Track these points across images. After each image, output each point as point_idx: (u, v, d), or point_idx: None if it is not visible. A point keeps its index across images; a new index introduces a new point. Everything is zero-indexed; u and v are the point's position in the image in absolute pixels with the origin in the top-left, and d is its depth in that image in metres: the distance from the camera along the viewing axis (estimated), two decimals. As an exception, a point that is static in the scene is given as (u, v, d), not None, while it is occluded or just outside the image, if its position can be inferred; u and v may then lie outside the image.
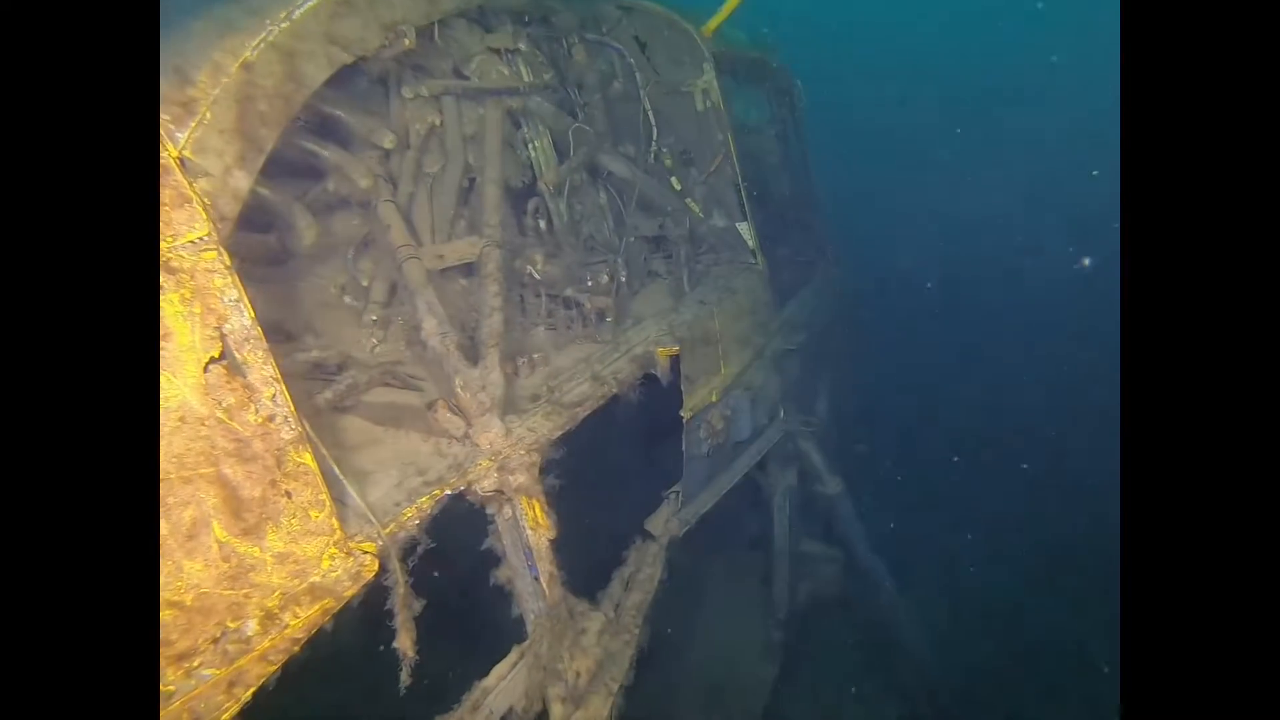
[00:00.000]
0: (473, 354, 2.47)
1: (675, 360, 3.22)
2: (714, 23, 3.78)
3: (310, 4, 1.93)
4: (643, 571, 3.19)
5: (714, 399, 3.58)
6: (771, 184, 6.07)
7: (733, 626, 5.28)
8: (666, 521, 3.50)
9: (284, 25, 1.86)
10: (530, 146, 3.51)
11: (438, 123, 3.12)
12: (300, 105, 1.94)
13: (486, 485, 2.16)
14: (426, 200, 3.11)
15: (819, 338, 5.29)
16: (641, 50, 3.95)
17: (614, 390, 2.72)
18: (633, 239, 3.71)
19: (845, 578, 5.33)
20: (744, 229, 4.23)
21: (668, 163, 4.12)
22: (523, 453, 2.28)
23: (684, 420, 3.34)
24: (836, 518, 5.07)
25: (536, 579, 2.34)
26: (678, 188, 4.18)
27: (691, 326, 3.35)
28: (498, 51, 3.25)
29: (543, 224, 3.51)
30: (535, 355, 2.85)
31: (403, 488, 2.03)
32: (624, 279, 3.50)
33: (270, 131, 1.84)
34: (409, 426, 2.38)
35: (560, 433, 2.44)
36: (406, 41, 2.29)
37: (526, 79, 3.38)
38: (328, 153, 2.55)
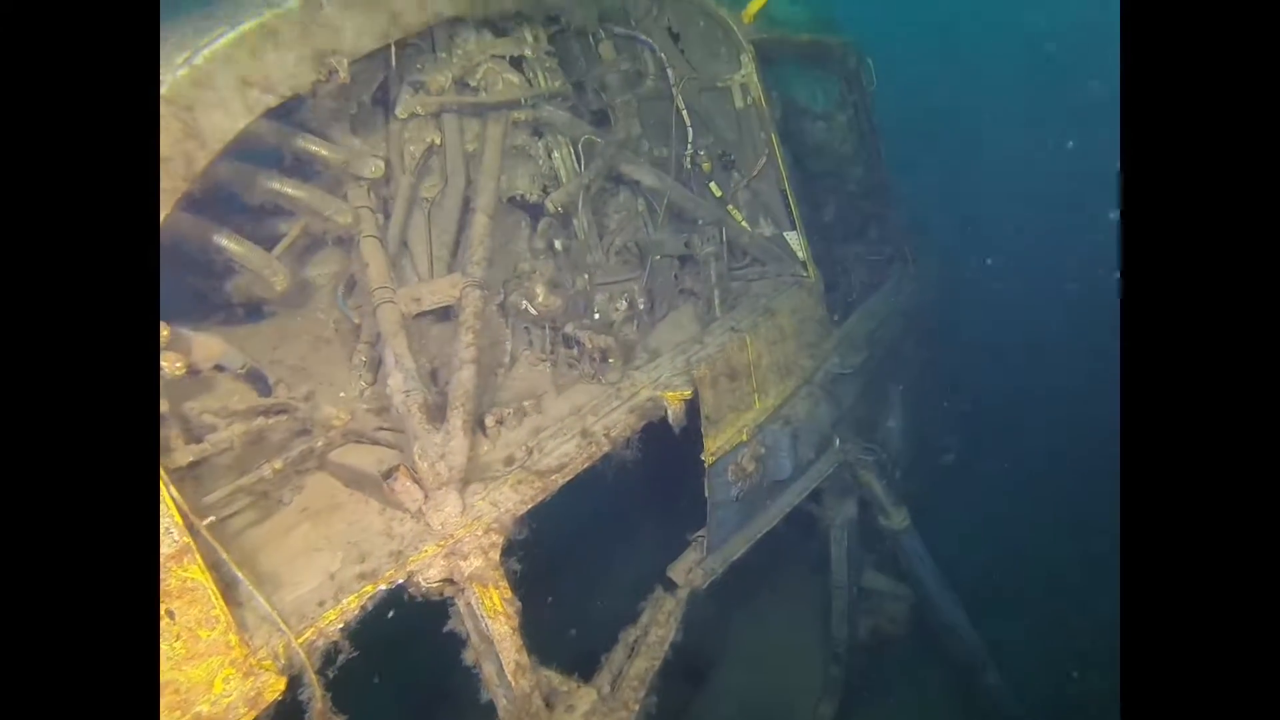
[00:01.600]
0: (443, 413, 2.26)
1: (693, 401, 2.88)
2: (753, 6, 3.31)
3: (218, 44, 1.72)
4: (652, 634, 2.91)
5: (744, 438, 3.21)
6: (845, 174, 5.48)
7: (785, 658, 4.93)
8: (689, 571, 3.20)
9: (181, 73, 1.65)
10: (552, 157, 3.23)
11: (437, 141, 2.90)
12: (206, 164, 1.75)
13: (432, 575, 1.94)
14: (424, 227, 2.91)
15: (890, 348, 4.74)
16: (675, 43, 3.53)
17: (605, 449, 2.43)
18: (658, 257, 3.35)
19: (914, 617, 4.81)
20: (793, 238, 3.77)
21: (706, 166, 3.70)
22: (479, 533, 2.05)
23: (705, 465, 3.01)
24: (903, 553, 4.55)
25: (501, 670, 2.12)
26: (718, 194, 3.76)
27: (714, 361, 2.98)
28: (505, 58, 2.96)
29: (557, 244, 3.24)
30: (527, 403, 2.60)
31: (335, 580, 1.85)
32: (643, 306, 3.17)
33: (165, 200, 1.65)
34: (372, 492, 2.20)
35: (530, 506, 2.18)
36: (340, 75, 2.04)
37: (544, 85, 3.08)
38: (297, 192, 2.38)
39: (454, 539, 2.00)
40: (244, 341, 2.76)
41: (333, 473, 2.31)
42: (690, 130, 3.61)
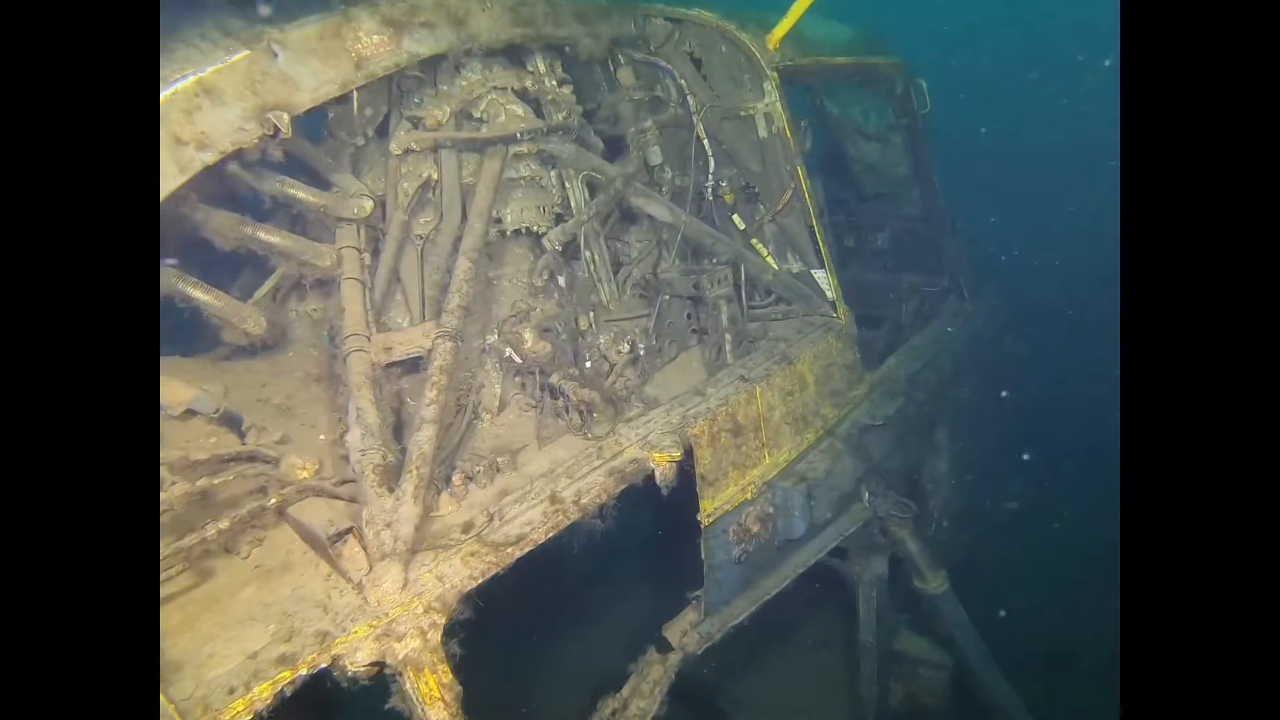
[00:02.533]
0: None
1: (688, 458, 2.68)
2: (779, 31, 3.05)
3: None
4: (633, 706, 2.73)
5: (749, 496, 2.97)
6: (900, 198, 5.11)
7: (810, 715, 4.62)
8: (684, 634, 2.99)
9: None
10: (565, 188, 3.10)
11: (435, 176, 2.81)
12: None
13: (360, 658, 1.83)
14: (417, 265, 2.83)
15: (937, 390, 4.36)
16: (697, 69, 3.32)
17: (572, 518, 2.26)
18: (667, 298, 3.16)
19: (955, 689, 4.40)
20: (821, 277, 3.49)
21: (728, 198, 3.48)
22: (419, 612, 1.92)
23: (701, 525, 2.80)
24: (941, 619, 4.17)
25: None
26: (741, 227, 3.53)
27: (714, 416, 2.76)
28: (508, 90, 2.85)
29: (561, 280, 3.10)
30: (501, 459, 2.47)
31: (255, 661, 1.76)
32: (643, 350, 2.99)
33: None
34: (323, 555, 2.11)
35: (479, 581, 2.04)
36: (283, 132, 1.96)
37: (553, 116, 2.95)
38: (271, 238, 2.33)
39: (389, 619, 1.88)
40: (237, 377, 2.76)
41: (293, 526, 2.24)
42: (712, 160, 3.40)
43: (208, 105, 1.79)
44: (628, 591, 4.70)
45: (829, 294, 3.50)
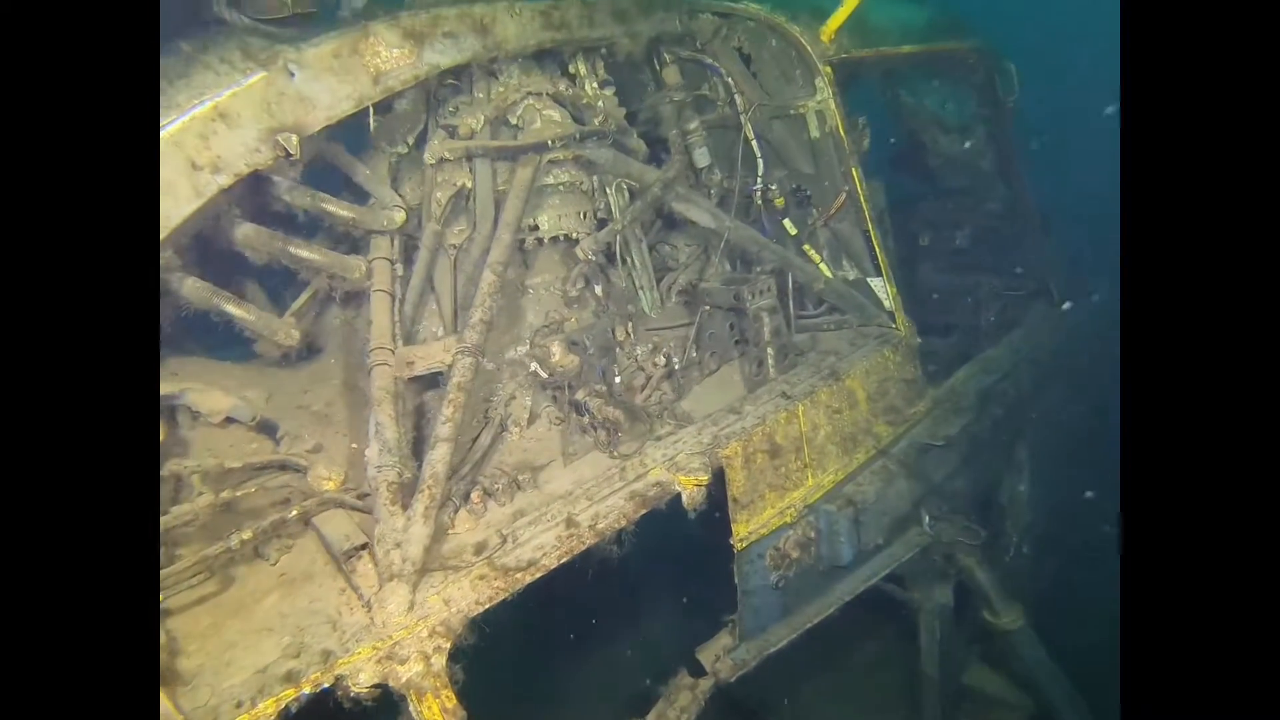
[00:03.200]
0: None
1: (719, 480, 2.56)
2: (833, 22, 2.83)
3: (167, 129, 1.69)
4: (657, 732, 2.65)
5: (789, 519, 2.82)
6: (984, 194, 4.73)
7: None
8: (717, 659, 2.89)
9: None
10: (606, 193, 3.03)
11: (469, 184, 2.80)
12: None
13: (363, 680, 1.83)
14: (450, 275, 2.82)
15: (1016, 405, 4.01)
16: (746, 65, 3.15)
17: (587, 544, 2.19)
18: (708, 308, 3.03)
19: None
20: (878, 285, 3.25)
21: (779, 202, 3.30)
22: (423, 635, 1.91)
23: (734, 550, 2.67)
24: (1017, 656, 3.84)
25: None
26: (793, 232, 3.34)
27: (749, 437, 2.63)
28: (542, 94, 2.79)
29: (598, 289, 3.03)
30: (522, 476, 2.43)
31: (263, 676, 1.80)
32: (679, 364, 2.88)
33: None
34: (339, 568, 2.15)
35: (486, 607, 2.01)
36: (293, 154, 1.96)
37: (594, 121, 2.87)
38: (302, 252, 2.37)
39: (392, 641, 1.88)
40: (281, 383, 2.85)
41: (318, 537, 2.29)
42: (761, 162, 3.22)
43: (223, 129, 1.83)
44: (658, 606, 4.52)
45: (887, 304, 3.27)
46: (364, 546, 2.10)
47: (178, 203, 1.79)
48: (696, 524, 2.51)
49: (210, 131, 1.80)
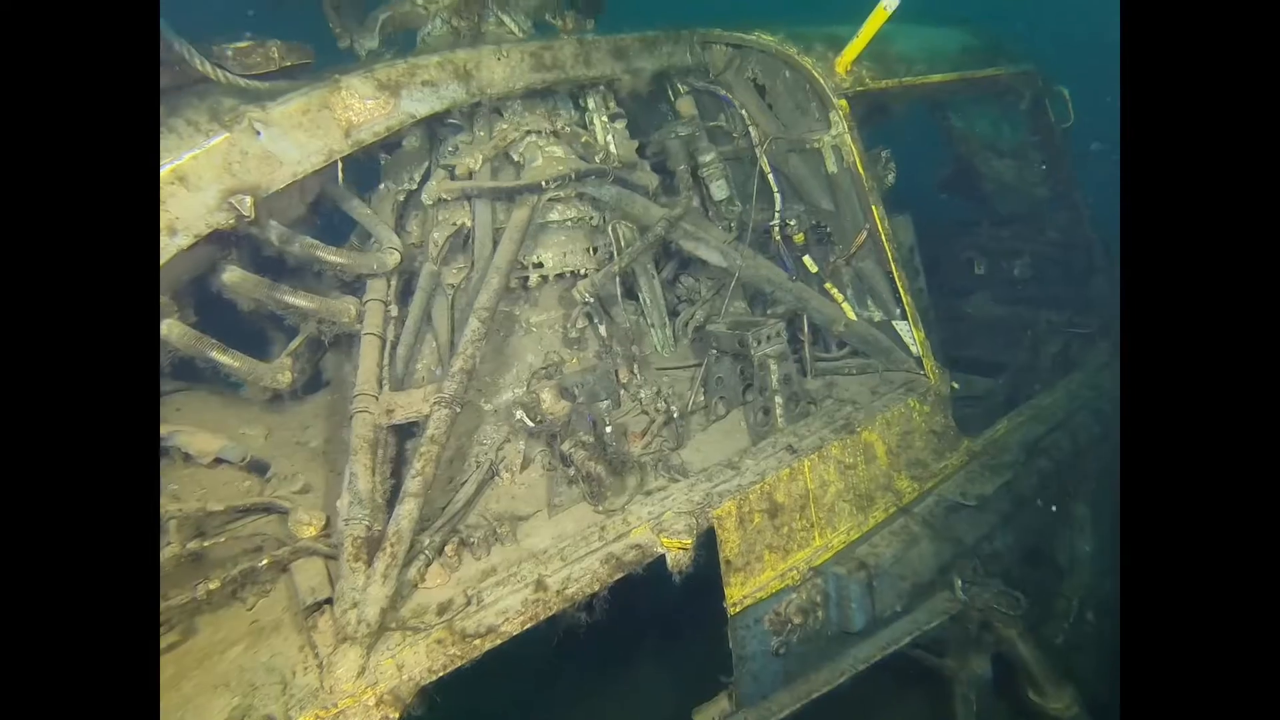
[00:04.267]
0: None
1: (710, 539, 2.41)
2: (849, 53, 2.64)
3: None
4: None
5: (791, 581, 2.63)
6: (1042, 222, 4.37)
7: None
8: (714, 726, 2.72)
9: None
10: (617, 229, 2.95)
11: (468, 223, 2.77)
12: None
13: (302, 748, 1.79)
14: (447, 316, 2.79)
15: (1073, 457, 3.65)
16: (761, 96, 3.00)
17: (552, 610, 2.09)
18: (715, 352, 2.88)
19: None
20: (904, 329, 3.02)
21: (798, 238, 3.11)
22: (370, 704, 1.85)
23: (728, 614, 2.51)
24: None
25: None
26: (813, 269, 3.15)
27: (745, 495, 2.46)
28: (541, 132, 2.73)
29: (602, 329, 2.94)
30: (501, 528, 2.35)
31: (206, 737, 1.78)
32: (676, 414, 2.74)
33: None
34: (308, 623, 2.12)
35: (439, 675, 1.93)
36: (246, 215, 1.94)
37: (599, 157, 2.80)
38: (295, 300, 2.38)
39: (337, 709, 1.83)
40: (282, 419, 2.89)
41: (290, 585, 2.28)
42: (778, 196, 3.06)
43: (182, 192, 1.84)
44: (652, 657, 4.17)
45: (914, 349, 3.02)
46: (326, 602, 2.07)
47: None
48: (692, 578, 2.37)
49: (168, 195, 1.82)
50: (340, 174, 2.31)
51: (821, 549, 2.70)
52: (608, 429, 2.58)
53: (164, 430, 2.29)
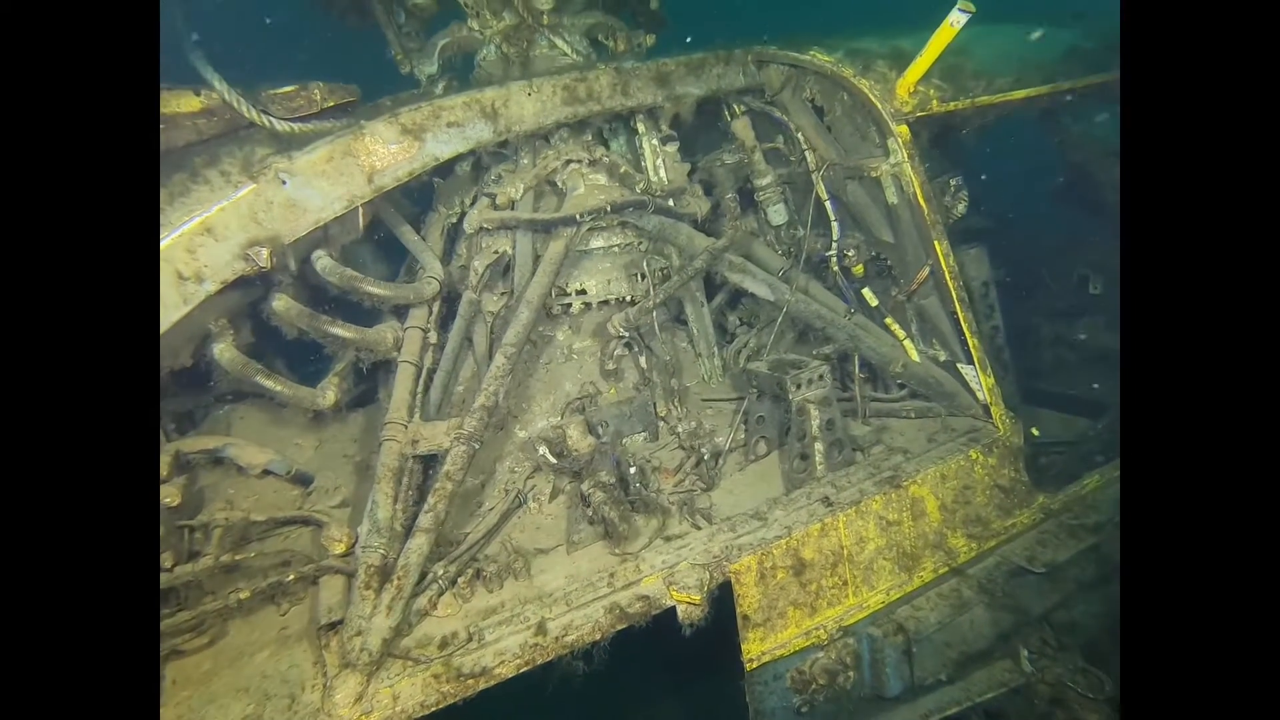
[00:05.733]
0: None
1: (725, 593, 2.31)
2: (912, 74, 2.39)
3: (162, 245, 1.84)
4: None
5: (819, 640, 2.48)
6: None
7: None
8: (730, 777, 2.63)
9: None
10: (645, 265, 2.89)
11: (510, 250, 2.79)
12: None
13: (298, 770, 1.89)
14: (486, 343, 2.84)
15: None
16: (820, 118, 2.79)
17: (548, 656, 2.08)
18: (754, 390, 2.74)
19: None
20: (970, 374, 2.74)
21: (857, 270, 2.90)
22: (364, 733, 1.93)
23: (745, 669, 2.41)
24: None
25: None
26: (874, 304, 2.93)
27: (768, 550, 2.34)
28: (583, 161, 2.70)
29: (643, 360, 2.89)
30: (518, 563, 2.37)
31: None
32: (706, 455, 2.64)
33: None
34: (321, 641, 2.24)
35: (433, 710, 1.98)
36: (263, 265, 2.02)
37: (640, 187, 2.74)
38: (336, 330, 2.49)
39: (331, 735, 1.92)
40: (333, 432, 3.06)
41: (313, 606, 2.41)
42: (835, 225, 2.85)
43: (210, 243, 1.96)
44: (669, 697, 3.87)
45: (980, 395, 2.75)
46: (338, 623, 2.17)
47: (167, 310, 1.97)
48: (712, 626, 2.29)
49: (197, 245, 1.95)
50: (361, 219, 2.38)
51: (855, 608, 2.53)
52: (632, 469, 2.53)
53: (218, 442, 2.49)
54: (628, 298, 2.91)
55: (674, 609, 2.25)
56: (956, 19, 2.16)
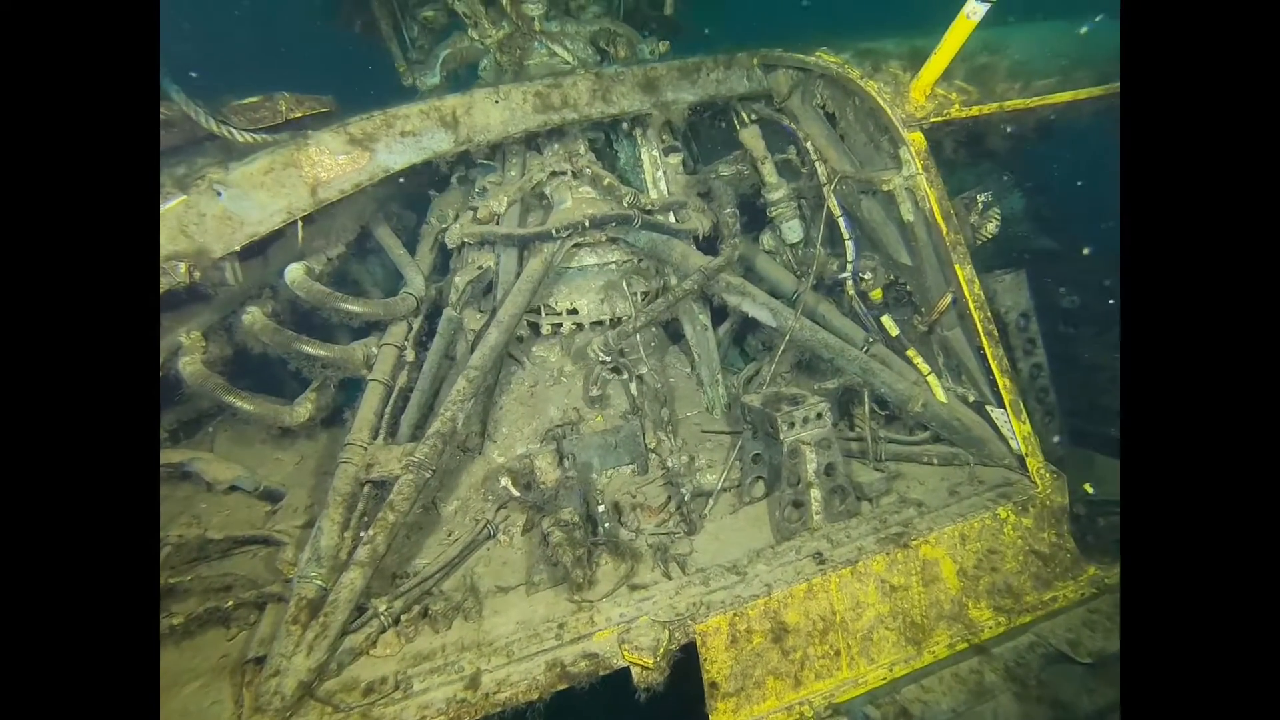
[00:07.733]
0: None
1: (689, 654, 2.05)
2: (927, 75, 2.08)
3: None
4: None
5: (806, 715, 2.16)
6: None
7: None
8: None
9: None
10: (624, 286, 2.69)
11: (493, 265, 2.65)
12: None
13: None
14: (467, 359, 2.69)
15: None
16: (832, 125, 2.51)
17: (479, 714, 1.87)
18: (747, 429, 2.47)
19: None
20: (1000, 418, 2.36)
21: (875, 295, 2.58)
22: (266, 785, 1.77)
23: (715, 742, 2.12)
24: None
25: None
26: (894, 333, 2.60)
27: (741, 611, 2.06)
28: (566, 173, 2.54)
29: (633, 388, 2.67)
30: (469, 603, 2.18)
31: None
32: (687, 497, 2.38)
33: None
34: (245, 678, 2.11)
35: (344, 766, 1.81)
36: (179, 280, 1.92)
37: (626, 200, 2.55)
38: (307, 348, 2.40)
39: (232, 784, 1.77)
40: (315, 447, 2.98)
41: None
42: (850, 244, 2.56)
43: None
44: None
45: (1014, 445, 2.36)
46: (264, 659, 2.04)
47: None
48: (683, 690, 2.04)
49: None
50: (300, 234, 2.28)
51: (849, 683, 2.19)
52: (600, 507, 2.31)
53: (184, 456, 2.44)
54: (622, 319, 2.71)
55: (628, 670, 2.00)
56: (974, 9, 1.85)
